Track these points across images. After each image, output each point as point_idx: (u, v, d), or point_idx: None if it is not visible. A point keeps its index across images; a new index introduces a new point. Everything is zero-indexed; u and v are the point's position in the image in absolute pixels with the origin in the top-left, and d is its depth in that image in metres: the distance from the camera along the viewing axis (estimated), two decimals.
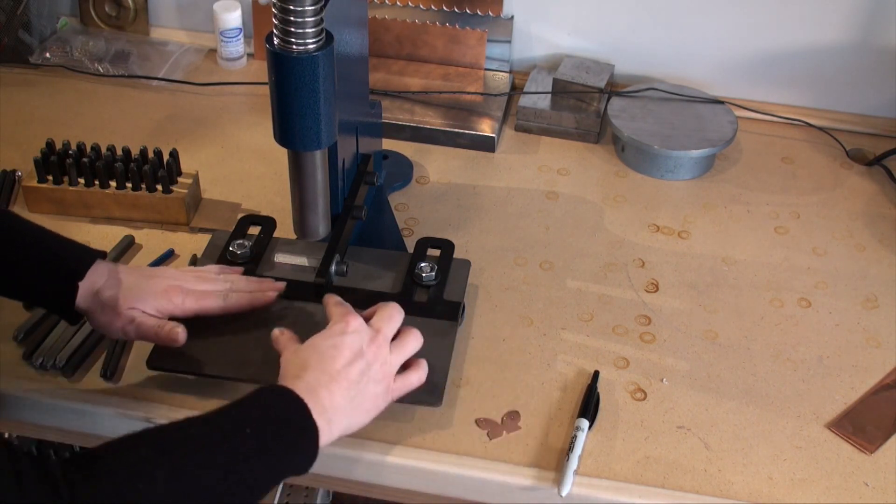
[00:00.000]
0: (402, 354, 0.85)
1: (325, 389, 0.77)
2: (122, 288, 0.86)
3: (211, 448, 0.70)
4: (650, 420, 0.91)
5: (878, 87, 1.32)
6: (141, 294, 0.87)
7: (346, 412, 0.79)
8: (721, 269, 1.09)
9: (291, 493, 1.37)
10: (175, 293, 0.88)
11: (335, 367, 0.79)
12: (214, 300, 0.90)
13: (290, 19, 0.79)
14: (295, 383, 0.77)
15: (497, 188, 1.21)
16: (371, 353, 0.82)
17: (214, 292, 0.91)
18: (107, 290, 0.86)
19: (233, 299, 0.91)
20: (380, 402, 0.82)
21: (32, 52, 1.39)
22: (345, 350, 0.80)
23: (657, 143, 1.21)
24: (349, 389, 0.79)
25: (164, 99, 1.34)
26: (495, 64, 1.39)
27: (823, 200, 1.21)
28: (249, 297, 0.92)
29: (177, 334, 0.86)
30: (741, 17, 1.31)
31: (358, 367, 0.80)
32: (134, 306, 0.86)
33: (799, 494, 0.85)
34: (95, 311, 0.86)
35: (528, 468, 0.86)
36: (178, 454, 0.69)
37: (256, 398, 0.75)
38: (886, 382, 0.96)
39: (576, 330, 1.00)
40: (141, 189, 1.09)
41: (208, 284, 0.91)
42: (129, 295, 0.86)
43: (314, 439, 0.75)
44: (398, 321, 0.87)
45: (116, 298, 0.86)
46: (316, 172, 0.91)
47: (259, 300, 0.92)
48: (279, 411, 0.75)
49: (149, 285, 0.88)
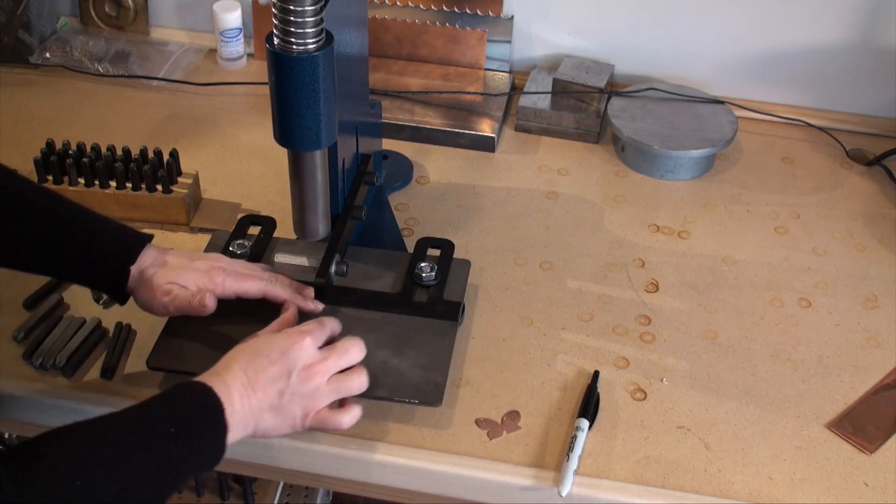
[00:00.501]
0: (337, 391, 0.83)
1: (239, 393, 0.77)
2: (167, 268, 0.89)
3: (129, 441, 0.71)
4: (650, 420, 0.91)
5: (878, 87, 1.32)
6: (183, 272, 0.89)
7: (252, 417, 0.78)
8: (721, 269, 1.09)
9: (291, 493, 1.37)
10: (217, 273, 0.90)
11: (258, 377, 0.79)
12: (256, 282, 0.91)
13: (290, 19, 0.79)
14: (214, 378, 0.77)
15: (497, 188, 1.21)
16: (299, 381, 0.80)
17: (257, 276, 0.92)
18: (151, 269, 0.89)
19: (275, 288, 0.91)
20: (286, 427, 0.81)
21: (32, 52, 1.39)
22: (275, 367, 0.79)
23: (657, 143, 1.21)
24: (262, 401, 0.78)
25: (164, 99, 1.34)
26: (495, 64, 1.39)
27: (823, 200, 1.21)
28: (292, 293, 0.92)
29: (206, 299, 0.87)
30: (741, 17, 1.31)
31: (278, 387, 0.79)
32: (173, 281, 0.88)
33: (799, 494, 0.85)
34: (140, 290, 0.89)
35: (528, 468, 0.86)
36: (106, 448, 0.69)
37: (176, 394, 0.76)
38: (886, 382, 0.96)
39: (576, 330, 1.00)
40: (141, 189, 1.09)
41: (251, 270, 0.93)
42: (172, 274, 0.89)
43: (223, 437, 0.75)
44: (353, 359, 0.84)
45: (160, 276, 0.88)
46: (316, 172, 0.91)
47: (299, 300, 0.92)
48: (195, 409, 0.75)
49: (192, 265, 0.90)
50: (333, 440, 0.88)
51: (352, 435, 0.88)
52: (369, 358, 0.90)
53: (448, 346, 0.93)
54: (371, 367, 0.89)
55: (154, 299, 0.88)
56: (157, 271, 0.89)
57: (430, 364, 0.90)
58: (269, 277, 0.92)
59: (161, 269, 0.89)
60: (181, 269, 0.89)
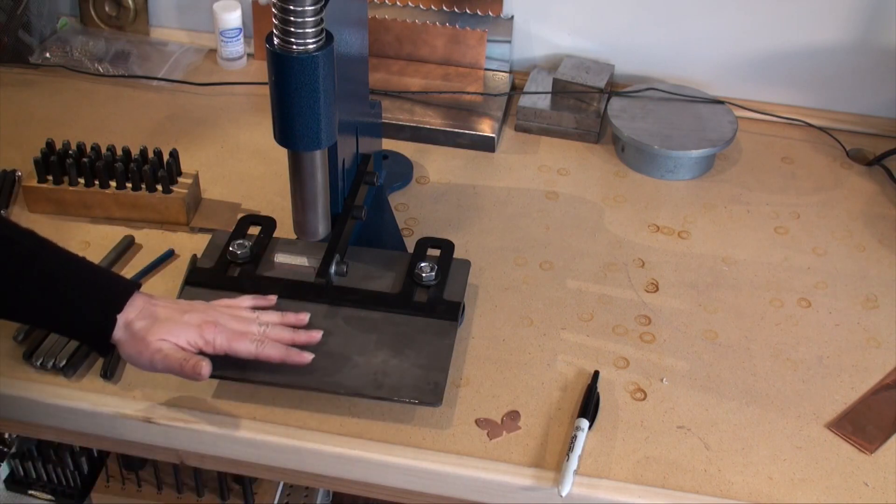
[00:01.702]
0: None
1: None
2: (156, 320, 0.84)
3: None
4: (650, 420, 0.91)
5: (878, 87, 1.32)
6: (173, 327, 0.84)
7: None
8: (721, 269, 1.09)
9: (291, 493, 1.37)
10: (209, 329, 0.85)
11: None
12: (247, 345, 0.86)
13: (290, 19, 0.79)
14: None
15: (497, 188, 1.21)
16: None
17: (248, 335, 0.87)
18: (139, 321, 0.84)
19: (266, 349, 0.86)
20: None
21: (32, 52, 1.39)
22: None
23: (657, 143, 1.21)
24: None
25: (164, 99, 1.34)
26: (495, 64, 1.39)
27: (823, 200, 1.21)
28: (284, 352, 0.87)
29: (201, 367, 0.82)
30: (741, 17, 1.31)
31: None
32: (164, 338, 0.83)
33: (799, 494, 0.85)
34: (127, 343, 0.83)
35: (528, 468, 0.86)
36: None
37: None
38: (886, 382, 0.96)
39: (576, 330, 1.00)
40: (141, 189, 1.09)
41: (244, 325, 0.88)
42: (162, 328, 0.84)
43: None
44: None
45: (148, 329, 0.83)
46: (316, 172, 0.91)
47: (293, 359, 0.87)
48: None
49: (182, 319, 0.85)
50: (333, 440, 0.88)
51: (352, 435, 0.88)
52: (369, 358, 0.90)
53: (448, 346, 0.93)
54: (371, 367, 0.90)
55: (142, 355, 0.83)
56: (146, 324, 0.83)
57: (430, 364, 0.90)
58: (261, 332, 0.87)
59: (151, 323, 0.84)
60: (172, 324, 0.84)
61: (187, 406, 0.90)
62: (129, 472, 1.28)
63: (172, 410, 0.89)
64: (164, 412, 0.89)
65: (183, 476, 1.26)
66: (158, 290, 1.02)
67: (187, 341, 0.84)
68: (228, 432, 0.88)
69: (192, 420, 0.89)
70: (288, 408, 0.90)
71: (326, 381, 0.88)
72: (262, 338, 0.87)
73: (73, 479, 1.37)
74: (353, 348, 0.91)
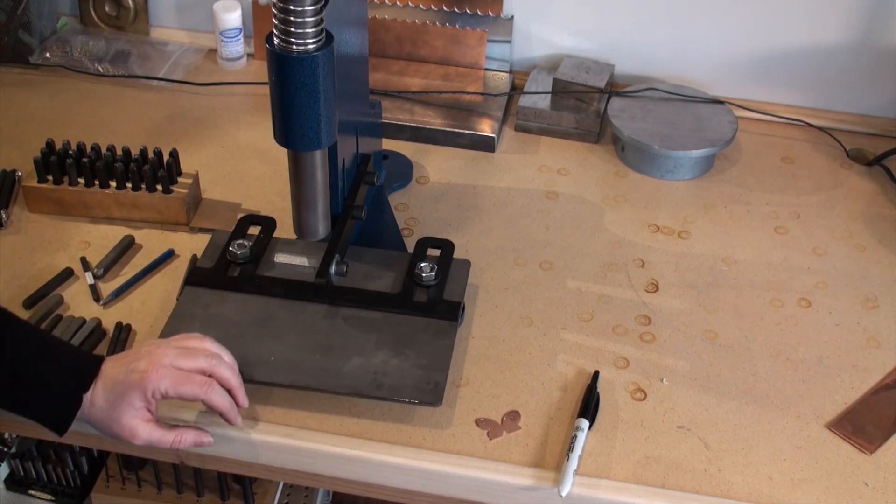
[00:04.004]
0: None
1: None
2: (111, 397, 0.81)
3: None
4: (650, 420, 0.91)
5: (878, 87, 1.32)
6: (122, 403, 0.81)
7: None
8: (721, 269, 1.09)
9: (291, 493, 1.37)
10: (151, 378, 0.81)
11: None
12: (192, 388, 0.82)
13: (290, 19, 0.79)
14: None
15: (497, 188, 1.21)
16: None
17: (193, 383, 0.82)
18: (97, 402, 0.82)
19: (211, 394, 0.83)
20: None
21: (32, 52, 1.39)
22: None
23: (657, 143, 1.21)
24: None
25: (164, 99, 1.34)
26: (495, 64, 1.39)
27: (823, 200, 1.21)
28: (228, 405, 0.84)
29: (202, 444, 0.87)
30: (741, 17, 1.31)
31: None
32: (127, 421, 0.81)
33: (799, 494, 0.85)
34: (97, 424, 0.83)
35: (528, 468, 0.86)
36: None
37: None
38: (886, 382, 0.96)
39: (576, 330, 1.00)
40: (141, 189, 1.09)
41: (192, 365, 0.84)
42: (116, 405, 0.81)
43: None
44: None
45: (108, 411, 0.81)
46: (316, 172, 0.91)
47: (232, 418, 0.85)
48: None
49: (129, 381, 0.81)
50: (333, 440, 0.88)
51: (352, 435, 0.88)
52: (369, 358, 0.90)
53: (448, 346, 0.93)
54: (371, 367, 0.90)
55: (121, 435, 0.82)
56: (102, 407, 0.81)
57: (430, 364, 0.90)
58: (206, 382, 0.82)
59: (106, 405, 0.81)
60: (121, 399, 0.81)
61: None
62: (129, 472, 1.28)
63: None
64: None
65: (183, 476, 1.26)
66: (158, 291, 1.02)
67: (145, 408, 0.82)
68: (228, 432, 0.88)
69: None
70: (287, 408, 0.90)
71: (326, 381, 0.88)
72: (206, 384, 0.83)
73: (73, 479, 1.37)
74: (353, 348, 0.91)
